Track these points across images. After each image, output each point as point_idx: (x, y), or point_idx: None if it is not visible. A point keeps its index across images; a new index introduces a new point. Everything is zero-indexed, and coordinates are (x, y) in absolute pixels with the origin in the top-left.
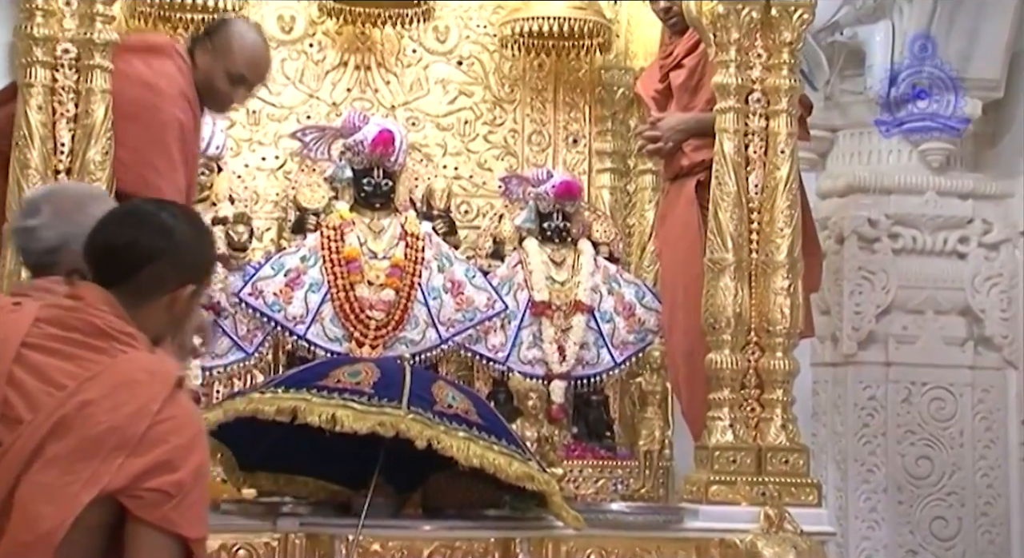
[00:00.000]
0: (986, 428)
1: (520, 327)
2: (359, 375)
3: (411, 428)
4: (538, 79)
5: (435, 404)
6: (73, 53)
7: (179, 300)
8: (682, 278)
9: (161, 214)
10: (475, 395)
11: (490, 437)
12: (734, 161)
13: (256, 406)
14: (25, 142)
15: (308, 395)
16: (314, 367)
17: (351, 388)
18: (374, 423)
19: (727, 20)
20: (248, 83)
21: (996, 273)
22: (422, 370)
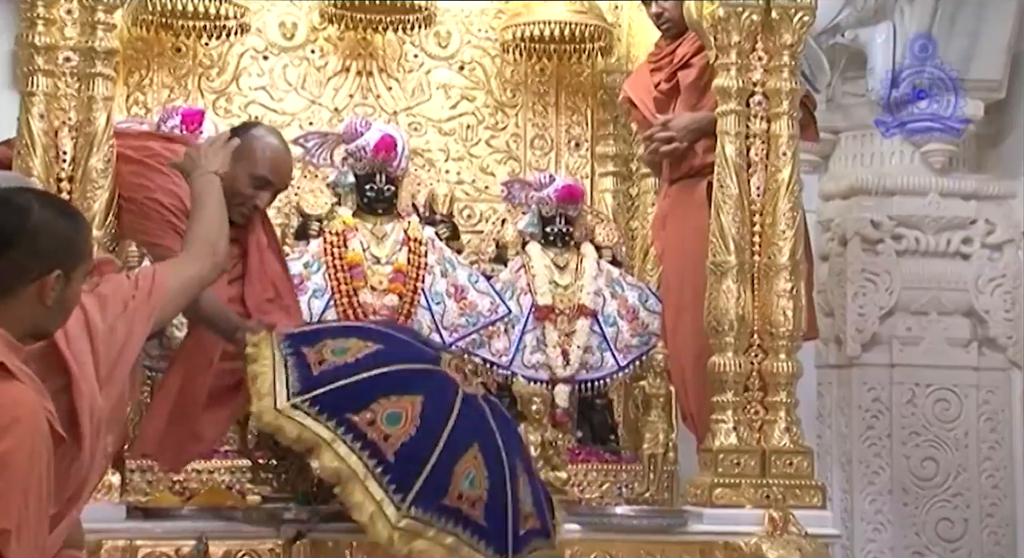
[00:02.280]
0: (991, 429)
1: (524, 331)
2: (398, 422)
3: (398, 540)
4: (540, 83)
5: (446, 495)
6: (75, 61)
7: (48, 288)
8: (691, 279)
9: (15, 198)
10: (501, 469)
11: (477, 543)
12: (736, 164)
13: (280, 424)
14: (27, 150)
15: (334, 432)
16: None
17: (376, 444)
18: (364, 512)
19: (727, 23)
20: (272, 187)
21: (1000, 274)
22: (475, 416)
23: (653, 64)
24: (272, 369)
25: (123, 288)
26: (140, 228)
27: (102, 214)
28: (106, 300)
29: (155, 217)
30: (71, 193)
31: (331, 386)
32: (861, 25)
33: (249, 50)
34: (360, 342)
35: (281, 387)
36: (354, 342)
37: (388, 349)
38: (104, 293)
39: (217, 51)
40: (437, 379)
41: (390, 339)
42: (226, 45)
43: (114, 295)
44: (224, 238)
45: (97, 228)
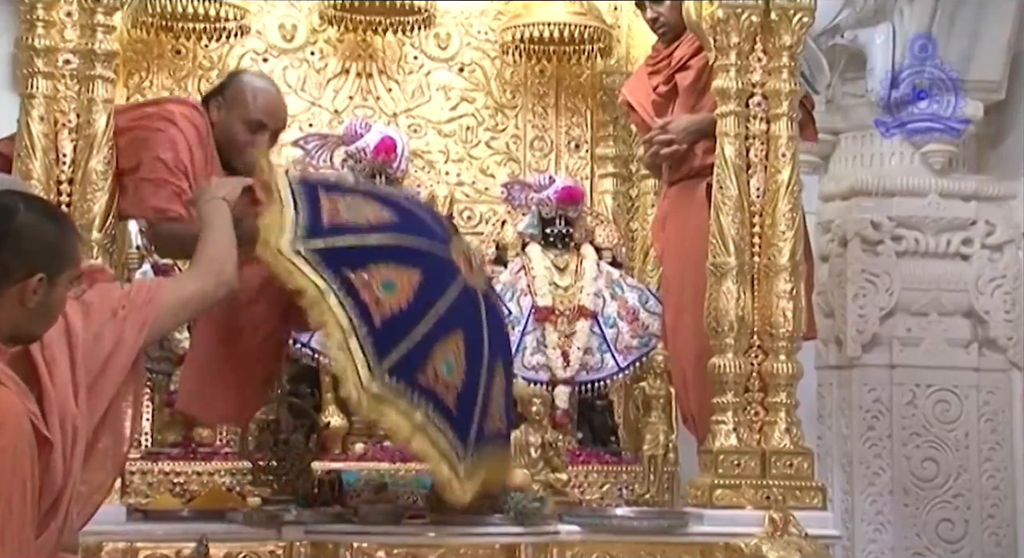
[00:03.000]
0: (991, 430)
1: (524, 333)
2: (392, 290)
3: (369, 404)
4: (539, 85)
5: (422, 372)
6: (74, 63)
7: (29, 291)
8: (692, 280)
9: (1, 199)
10: (479, 365)
11: (443, 426)
12: (735, 165)
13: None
14: (27, 152)
15: (328, 283)
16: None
17: (366, 305)
18: (346, 367)
19: (727, 24)
20: (266, 129)
21: (1000, 275)
22: (468, 306)
23: (651, 67)
24: (282, 211)
25: (112, 296)
26: (141, 200)
27: (101, 217)
28: (91, 307)
29: (153, 180)
30: (71, 195)
31: (336, 241)
32: (860, 26)
33: (249, 52)
34: (377, 207)
35: (288, 228)
36: (371, 205)
37: (401, 221)
38: (89, 300)
39: (217, 53)
40: (440, 261)
41: (406, 212)
42: (226, 47)
43: (101, 302)
44: (232, 259)
45: (96, 230)
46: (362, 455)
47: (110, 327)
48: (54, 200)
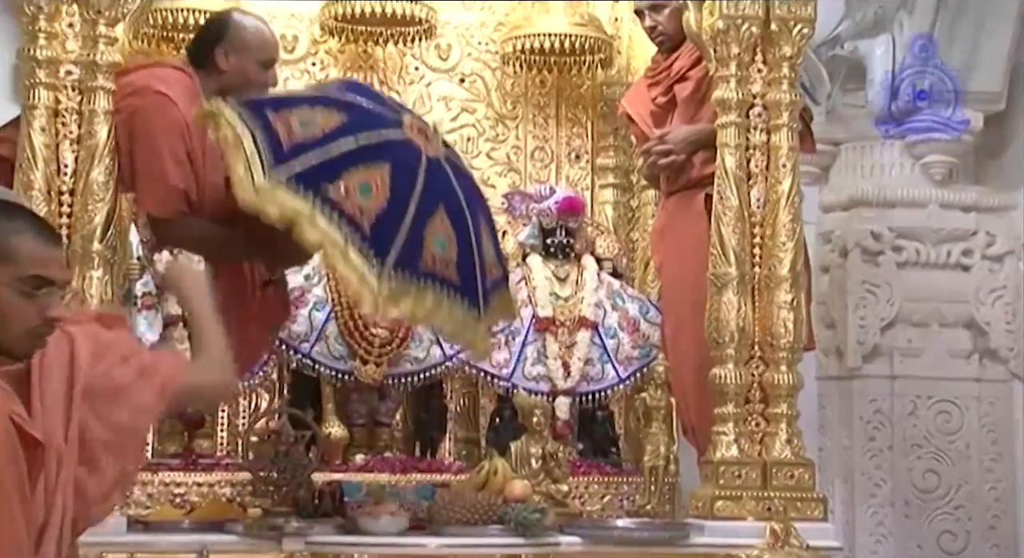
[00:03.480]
0: (993, 441)
1: (524, 343)
2: (369, 193)
3: (384, 304)
4: (540, 95)
5: (420, 259)
6: (76, 74)
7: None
8: (691, 291)
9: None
10: (463, 228)
11: (453, 297)
12: (736, 175)
13: (260, 202)
14: (29, 164)
15: (312, 206)
16: (332, 155)
17: (352, 217)
18: (353, 278)
19: (727, 35)
20: (275, 62)
21: (1000, 285)
22: (439, 178)
23: (650, 78)
24: (242, 145)
25: (125, 343)
26: (140, 194)
27: (102, 227)
28: (107, 348)
29: (152, 175)
30: (72, 206)
31: (304, 161)
32: (860, 37)
33: None
34: (325, 112)
35: (256, 163)
36: (320, 113)
37: (353, 120)
38: (106, 341)
39: None
40: (401, 147)
41: (352, 108)
42: None
43: (117, 346)
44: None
45: (98, 241)
46: (363, 466)
47: (119, 371)
48: (55, 211)
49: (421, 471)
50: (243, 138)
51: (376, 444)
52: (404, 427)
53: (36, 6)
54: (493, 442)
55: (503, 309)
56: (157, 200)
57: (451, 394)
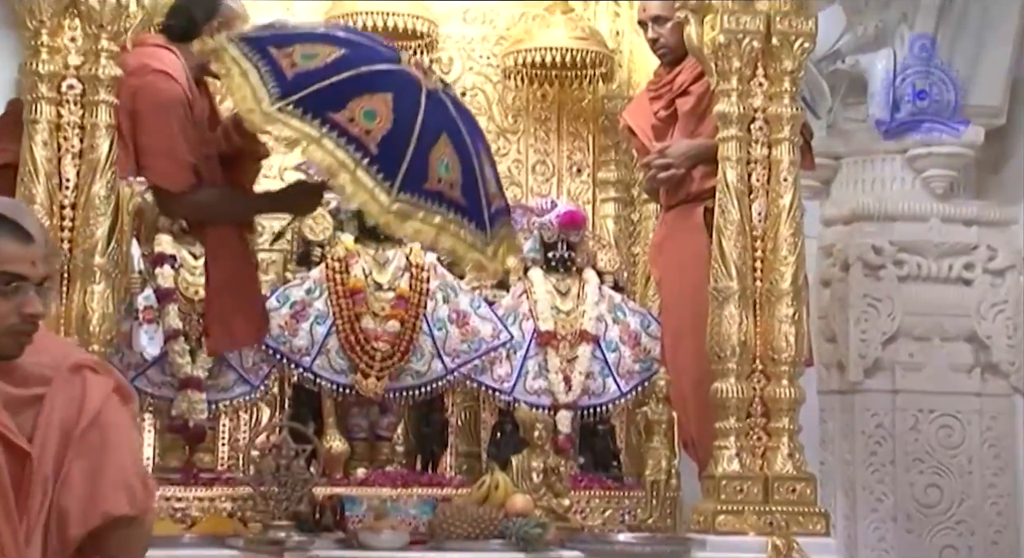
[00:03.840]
0: (995, 456)
1: (526, 357)
2: (374, 118)
3: (393, 221)
4: (541, 109)
5: (427, 180)
6: (78, 89)
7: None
8: (690, 304)
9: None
10: (468, 154)
11: (461, 220)
12: (737, 189)
13: (268, 126)
14: (30, 178)
15: (320, 130)
16: (334, 81)
17: (359, 139)
18: (357, 200)
19: (728, 49)
20: None
21: (1002, 300)
22: (439, 108)
23: (653, 92)
24: (247, 78)
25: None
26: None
27: (104, 241)
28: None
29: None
30: (74, 220)
31: (309, 89)
32: (861, 51)
33: None
34: (327, 47)
35: (263, 92)
36: (321, 47)
37: (353, 53)
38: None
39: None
40: (402, 77)
41: (352, 43)
42: None
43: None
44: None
45: (99, 255)
46: (364, 480)
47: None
48: (57, 225)
49: (422, 485)
50: (248, 72)
51: (377, 458)
52: (405, 441)
53: (38, 20)
54: (494, 456)
55: (509, 242)
56: (169, 175)
57: (452, 408)
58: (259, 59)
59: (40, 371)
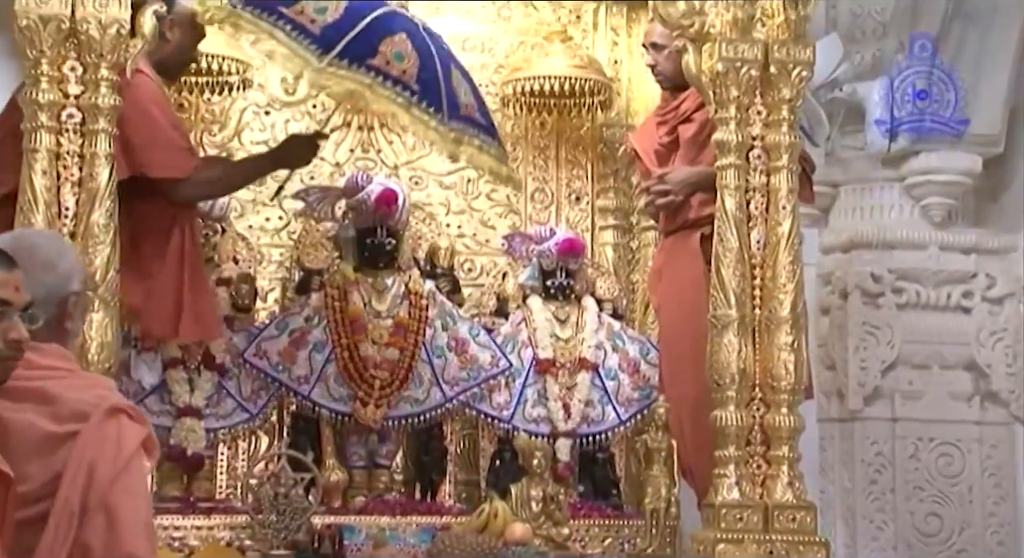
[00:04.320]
0: (995, 484)
1: (525, 385)
2: (403, 59)
3: (336, 85)
4: (540, 137)
5: (460, 107)
6: (78, 118)
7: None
8: (688, 331)
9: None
10: (430, 52)
11: (422, 103)
12: (736, 217)
13: (318, 80)
14: (30, 206)
15: (370, 79)
16: (362, 25)
17: (402, 80)
18: (424, 128)
19: (726, 78)
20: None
21: (1001, 328)
22: (391, 17)
23: (659, 117)
24: (275, 38)
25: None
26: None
27: (103, 269)
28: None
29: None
30: None
31: (344, 41)
32: (859, 80)
33: (251, 105)
34: (333, 3)
35: (302, 51)
36: (329, 3)
37: (351, 2)
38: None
39: (219, 106)
40: (400, 18)
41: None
42: (228, 100)
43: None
44: None
45: (99, 281)
46: (362, 508)
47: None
48: None
49: (421, 514)
50: (273, 32)
51: (376, 486)
52: (404, 469)
53: (39, 50)
54: (493, 484)
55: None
56: (172, 165)
57: (451, 436)
58: (276, 19)
59: (81, 407)
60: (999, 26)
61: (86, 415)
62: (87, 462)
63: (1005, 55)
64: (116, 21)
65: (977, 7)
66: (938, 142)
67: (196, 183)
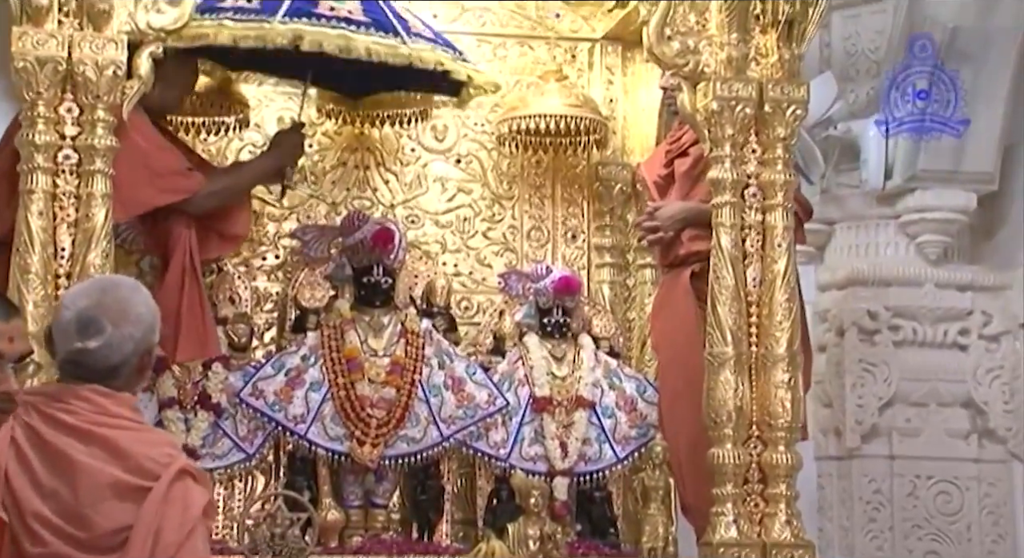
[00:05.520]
0: (993, 522)
1: (522, 423)
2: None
3: (277, 34)
4: (536, 175)
5: (317, 6)
6: (74, 159)
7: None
8: (682, 369)
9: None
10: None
11: (374, 31)
12: (731, 255)
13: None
14: (26, 247)
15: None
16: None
17: (348, 18)
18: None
19: (721, 116)
20: None
21: (998, 365)
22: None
23: (667, 147)
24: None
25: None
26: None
27: None
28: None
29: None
30: (68, 289)
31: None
32: (853, 118)
33: (248, 145)
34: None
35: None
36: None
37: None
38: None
39: (216, 146)
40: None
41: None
42: (225, 140)
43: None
44: None
45: None
46: (359, 548)
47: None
48: (51, 294)
49: (418, 553)
50: (222, 24)
51: (373, 526)
52: (401, 509)
53: (35, 92)
54: (491, 523)
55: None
56: (177, 187)
57: (448, 475)
58: (216, 15)
59: (149, 465)
60: (992, 64)
61: (155, 474)
62: (155, 525)
63: (999, 93)
64: (112, 63)
65: (970, 45)
66: (933, 179)
67: (204, 197)
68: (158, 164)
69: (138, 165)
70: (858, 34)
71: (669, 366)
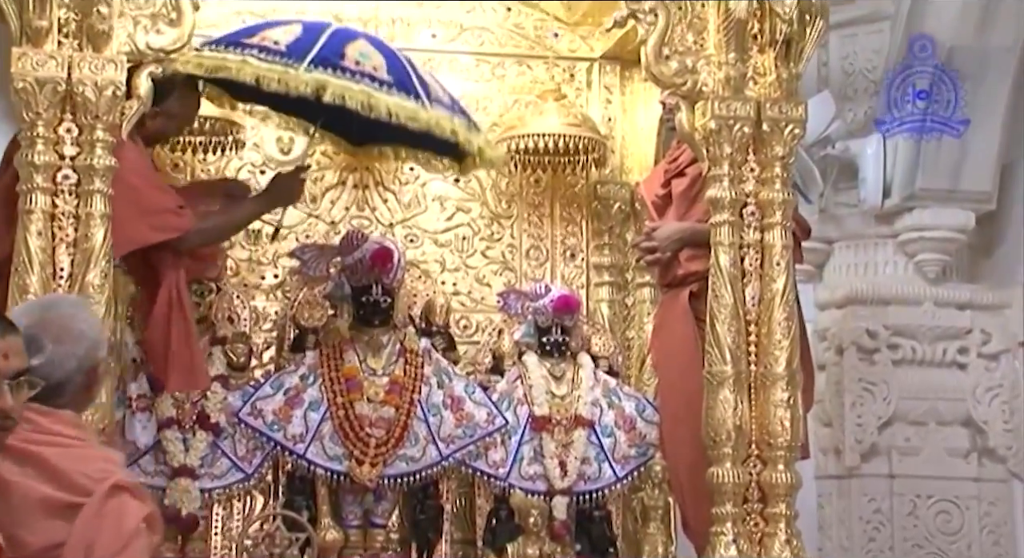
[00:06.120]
0: (994, 542)
1: (521, 442)
2: (368, 57)
3: (301, 82)
4: (535, 194)
5: (343, 59)
6: (73, 179)
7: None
8: (682, 389)
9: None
10: (392, 53)
11: (396, 91)
12: (730, 274)
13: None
14: (25, 268)
15: (351, 79)
16: (251, 27)
17: (372, 75)
18: (270, 78)
19: (719, 135)
20: None
21: (997, 384)
22: (345, 29)
23: (668, 165)
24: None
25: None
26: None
27: None
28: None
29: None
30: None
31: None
32: (851, 137)
33: (246, 165)
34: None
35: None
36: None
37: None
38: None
39: (215, 166)
40: (357, 30)
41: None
42: (223, 160)
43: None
44: None
45: None
46: None
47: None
48: None
49: None
50: (247, 60)
51: (372, 546)
52: (400, 528)
53: (35, 112)
54: (490, 543)
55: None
56: (168, 225)
57: (447, 494)
58: (242, 50)
59: (83, 482)
60: (990, 83)
61: (88, 490)
62: (88, 540)
63: (996, 111)
64: (112, 83)
65: (968, 63)
66: (931, 198)
67: (194, 235)
68: (150, 202)
69: (131, 203)
70: (856, 53)
71: (669, 386)
